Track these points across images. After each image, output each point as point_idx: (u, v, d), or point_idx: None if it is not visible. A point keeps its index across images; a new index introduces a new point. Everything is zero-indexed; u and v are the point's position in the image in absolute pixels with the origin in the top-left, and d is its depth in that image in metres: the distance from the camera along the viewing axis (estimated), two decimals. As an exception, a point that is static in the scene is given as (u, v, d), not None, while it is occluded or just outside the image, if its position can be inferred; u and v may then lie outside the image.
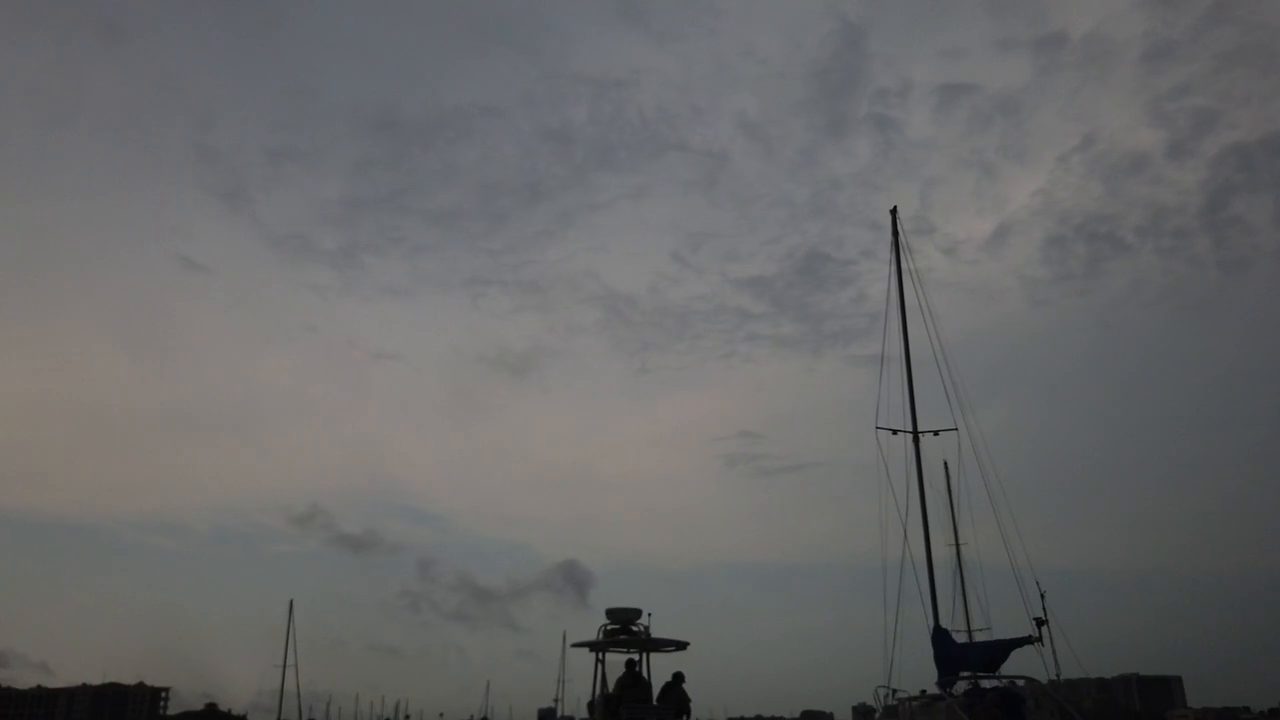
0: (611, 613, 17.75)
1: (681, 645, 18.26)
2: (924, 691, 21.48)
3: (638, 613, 17.81)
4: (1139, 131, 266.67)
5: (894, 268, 24.91)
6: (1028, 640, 19.73)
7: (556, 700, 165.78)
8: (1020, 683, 20.00)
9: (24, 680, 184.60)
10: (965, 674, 21.01)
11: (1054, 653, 18.74)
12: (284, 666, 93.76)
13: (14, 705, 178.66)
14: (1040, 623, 19.37)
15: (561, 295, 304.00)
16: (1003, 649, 20.50)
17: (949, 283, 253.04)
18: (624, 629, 17.60)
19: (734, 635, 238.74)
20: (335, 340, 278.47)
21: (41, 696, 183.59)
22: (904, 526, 22.13)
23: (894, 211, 25.65)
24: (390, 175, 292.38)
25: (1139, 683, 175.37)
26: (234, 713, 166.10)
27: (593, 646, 17.95)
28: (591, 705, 18.89)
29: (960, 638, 29.84)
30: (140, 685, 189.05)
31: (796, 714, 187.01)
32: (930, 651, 22.04)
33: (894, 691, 22.20)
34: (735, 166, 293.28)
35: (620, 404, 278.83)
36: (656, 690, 18.30)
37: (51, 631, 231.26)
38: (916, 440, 23.29)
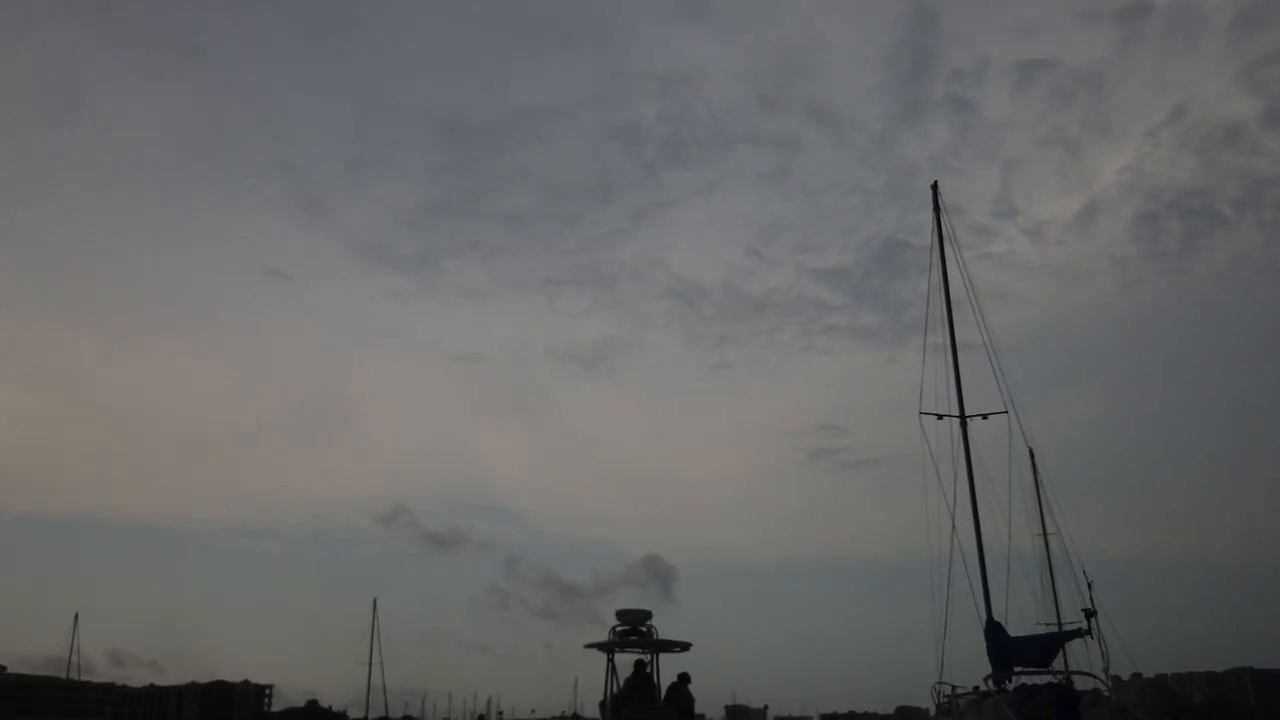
0: (621, 614, 17.94)
1: (685, 646, 18.31)
2: (977, 688, 20.40)
3: (647, 614, 18.00)
4: (1232, 100, 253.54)
5: (936, 244, 23.71)
6: (1076, 633, 18.57)
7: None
8: (1076, 679, 18.81)
9: (137, 679, 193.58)
10: (1020, 669, 19.86)
11: (1102, 645, 17.51)
12: (369, 664, 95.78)
13: (129, 703, 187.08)
14: (1089, 614, 18.16)
15: (636, 293, 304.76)
16: (1054, 642, 19.32)
17: (1035, 266, 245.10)
18: (633, 630, 17.80)
19: (822, 630, 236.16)
20: (417, 344, 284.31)
21: (154, 694, 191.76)
22: (952, 515, 21.07)
23: (934, 186, 24.53)
24: (463, 180, 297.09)
25: (1252, 677, 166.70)
26: (334, 709, 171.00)
27: (603, 647, 18.19)
28: (603, 705, 19.02)
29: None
30: (245, 683, 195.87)
31: (891, 710, 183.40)
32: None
33: (954, 689, 21.18)
34: (807, 156, 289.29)
35: (698, 399, 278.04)
36: (664, 689, 18.41)
37: (160, 632, 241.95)
38: (964, 424, 22.16)
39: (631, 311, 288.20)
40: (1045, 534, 42.91)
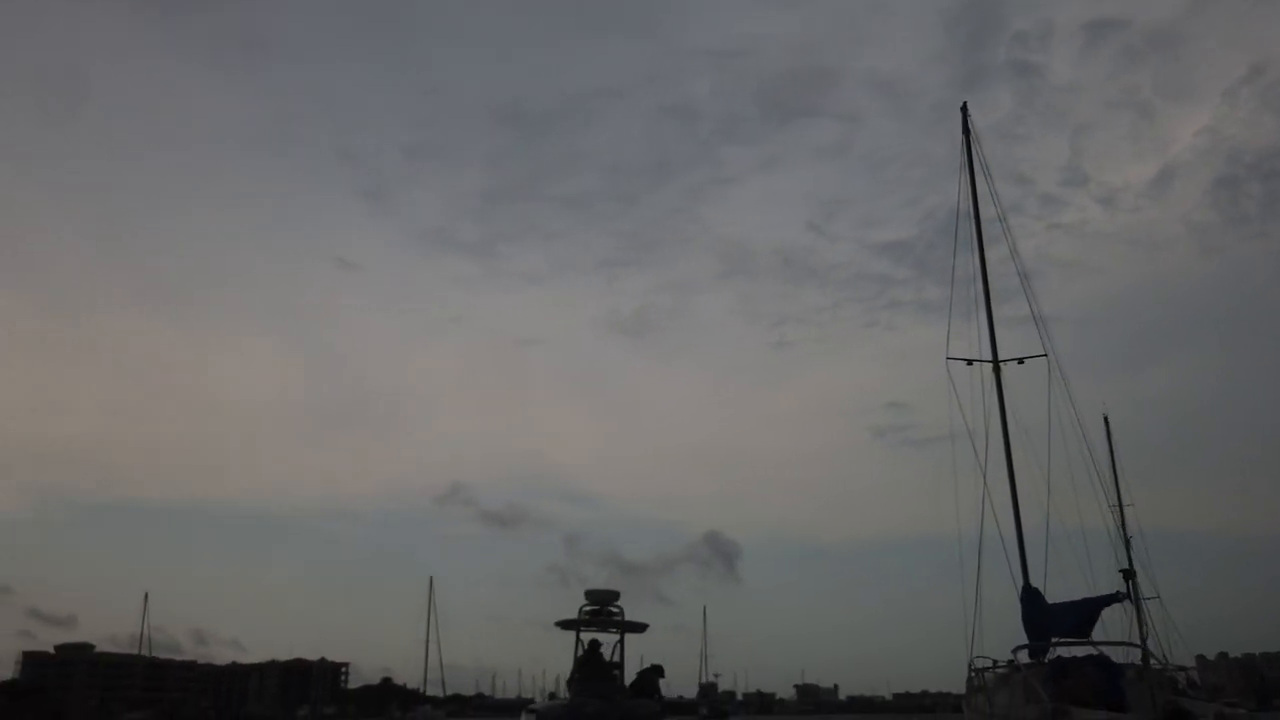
0: (590, 594, 18.05)
1: (644, 627, 18.45)
2: (1010, 662, 18.19)
3: (615, 594, 18.08)
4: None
5: (965, 170, 21.28)
6: (1114, 597, 16.30)
7: (717, 675, 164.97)
8: (1116, 651, 16.49)
9: (221, 656, 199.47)
10: (1057, 640, 17.60)
11: (1143, 610, 15.23)
12: (426, 641, 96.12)
13: (213, 680, 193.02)
14: (1127, 575, 15.88)
15: (695, 272, 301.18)
16: (1090, 609, 17.00)
17: (1108, 234, 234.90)
18: (602, 610, 17.95)
19: (893, 609, 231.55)
20: (481, 329, 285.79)
21: (236, 672, 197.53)
22: (983, 472, 18.82)
23: (964, 108, 22.07)
24: (521, 165, 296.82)
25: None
26: (407, 686, 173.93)
27: (570, 625, 18.33)
28: (570, 681, 19.02)
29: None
30: (322, 660, 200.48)
31: (964, 690, 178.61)
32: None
33: (994, 663, 19.04)
34: (868, 128, 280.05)
35: (760, 378, 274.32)
36: (630, 670, 18.63)
37: (241, 611, 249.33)
38: (997, 370, 19.83)
39: (691, 291, 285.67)
40: (1121, 505, 40.33)
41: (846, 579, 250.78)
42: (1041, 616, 18.20)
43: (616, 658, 18.39)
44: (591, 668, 17.94)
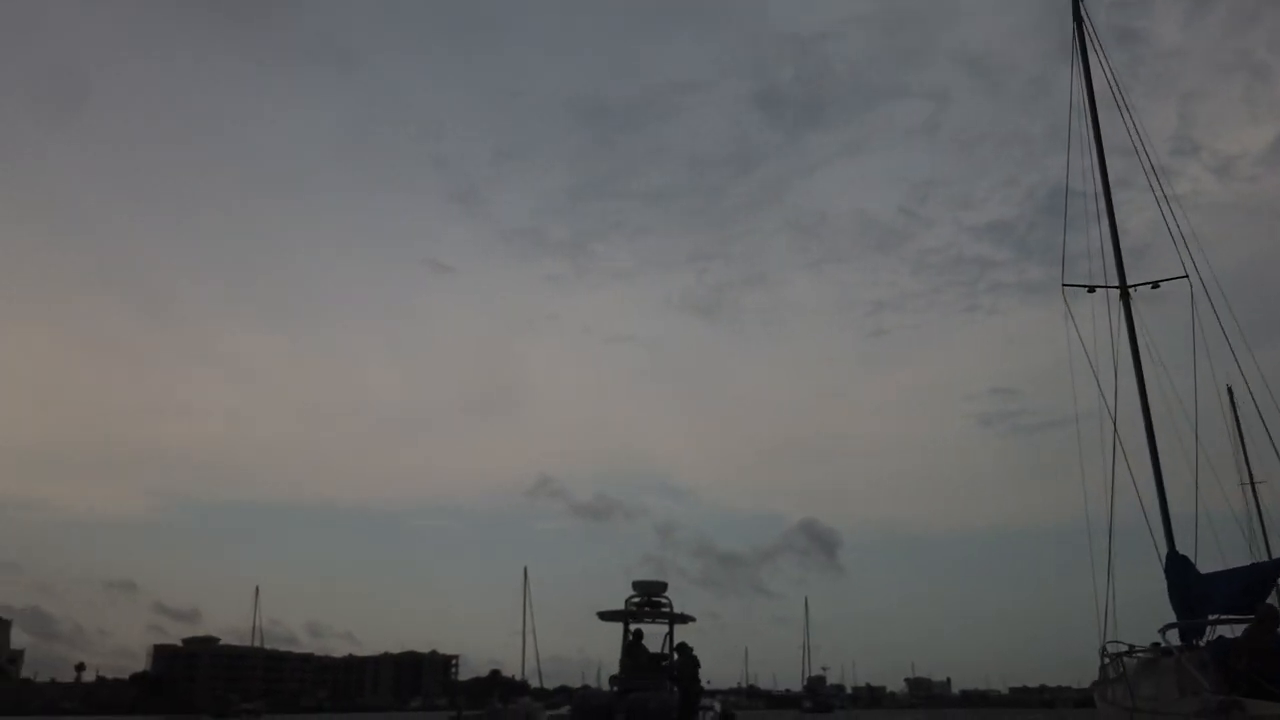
0: (638, 585, 17.66)
1: (689, 619, 18.21)
2: (1156, 645, 14.93)
3: (663, 586, 17.72)
4: None
5: (1076, 50, 17.86)
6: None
7: (825, 668, 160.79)
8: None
9: (335, 649, 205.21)
10: (1215, 617, 14.25)
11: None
12: (523, 632, 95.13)
13: (329, 672, 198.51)
14: None
15: (784, 262, 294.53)
16: (1258, 577, 13.56)
17: (1224, 205, 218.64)
18: (648, 601, 17.65)
19: (1006, 601, 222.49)
20: (573, 326, 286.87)
21: (352, 664, 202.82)
22: (1112, 416, 15.57)
23: (1075, -12, 18.54)
24: (605, 161, 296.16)
25: None
26: (516, 678, 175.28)
27: (618, 617, 18.05)
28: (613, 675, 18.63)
29: None
30: (433, 653, 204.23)
31: (1088, 685, 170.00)
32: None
33: (1131, 648, 15.83)
34: (959, 106, 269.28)
35: (857, 367, 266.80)
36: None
37: (352, 605, 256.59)
38: (1125, 297, 16.48)
39: (780, 281, 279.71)
40: (1253, 482, 35.89)
41: (957, 570, 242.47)
42: (1194, 589, 14.86)
43: (666, 649, 17.99)
44: (635, 659, 17.54)
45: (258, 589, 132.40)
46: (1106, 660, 16.05)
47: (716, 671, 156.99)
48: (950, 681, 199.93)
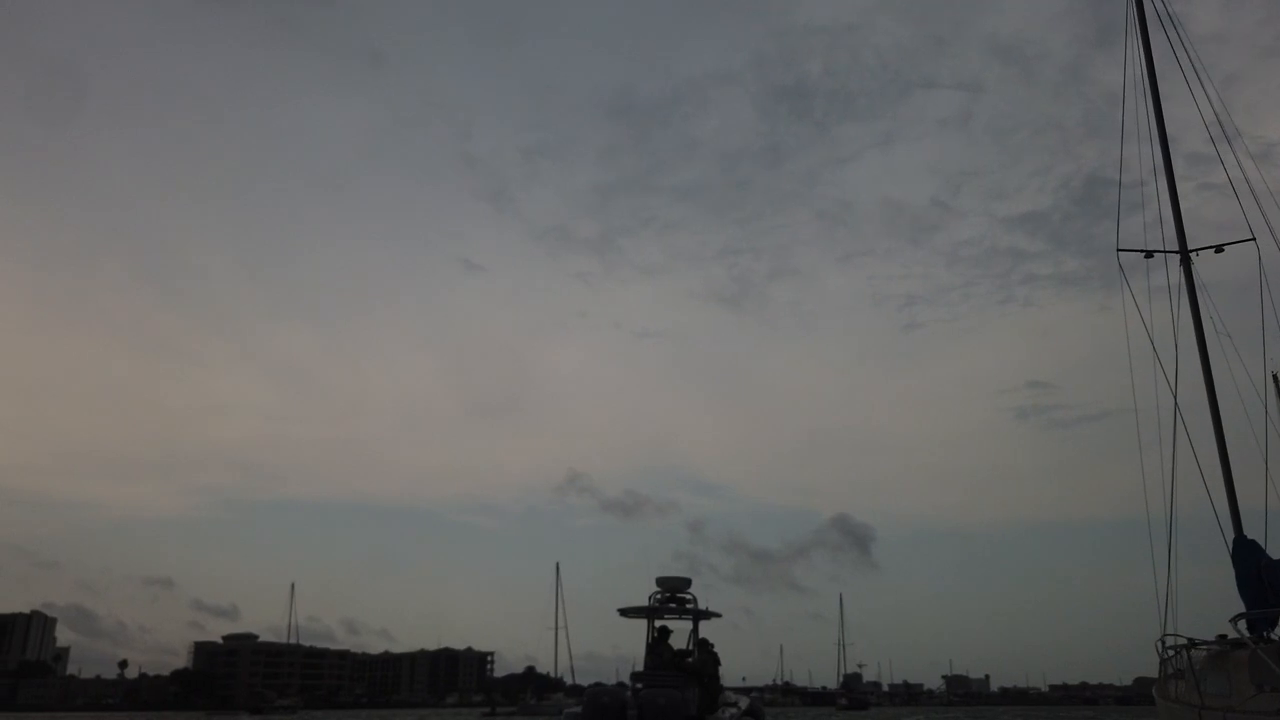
0: (661, 581, 17.29)
1: (714, 615, 17.79)
2: (1222, 637, 13.73)
3: (687, 581, 17.35)
4: None
5: (1134, 20, 16.69)
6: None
7: (861, 665, 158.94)
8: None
9: (371, 645, 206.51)
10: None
11: None
12: (556, 628, 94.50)
13: (366, 668, 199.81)
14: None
15: (815, 256, 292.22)
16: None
17: (1267, 194, 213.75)
18: (672, 597, 17.27)
19: (1046, 597, 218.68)
20: (603, 323, 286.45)
21: (389, 660, 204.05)
22: (1172, 388, 14.37)
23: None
24: (634, 157, 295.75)
25: None
26: (551, 675, 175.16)
27: (641, 613, 17.63)
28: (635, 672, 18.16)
29: None
30: (469, 650, 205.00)
31: (1129, 681, 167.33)
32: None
33: (1190, 642, 14.64)
34: (991, 96, 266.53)
35: (891, 362, 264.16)
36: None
37: (388, 602, 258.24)
38: (1186, 261, 15.26)
39: (812, 275, 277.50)
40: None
41: (994, 566, 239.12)
42: (1265, 576, 13.65)
43: (690, 646, 17.44)
44: (656, 655, 16.86)
45: (293, 586, 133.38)
46: (1169, 654, 14.87)
47: (751, 668, 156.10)
48: (989, 678, 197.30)
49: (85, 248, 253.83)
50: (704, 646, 17.06)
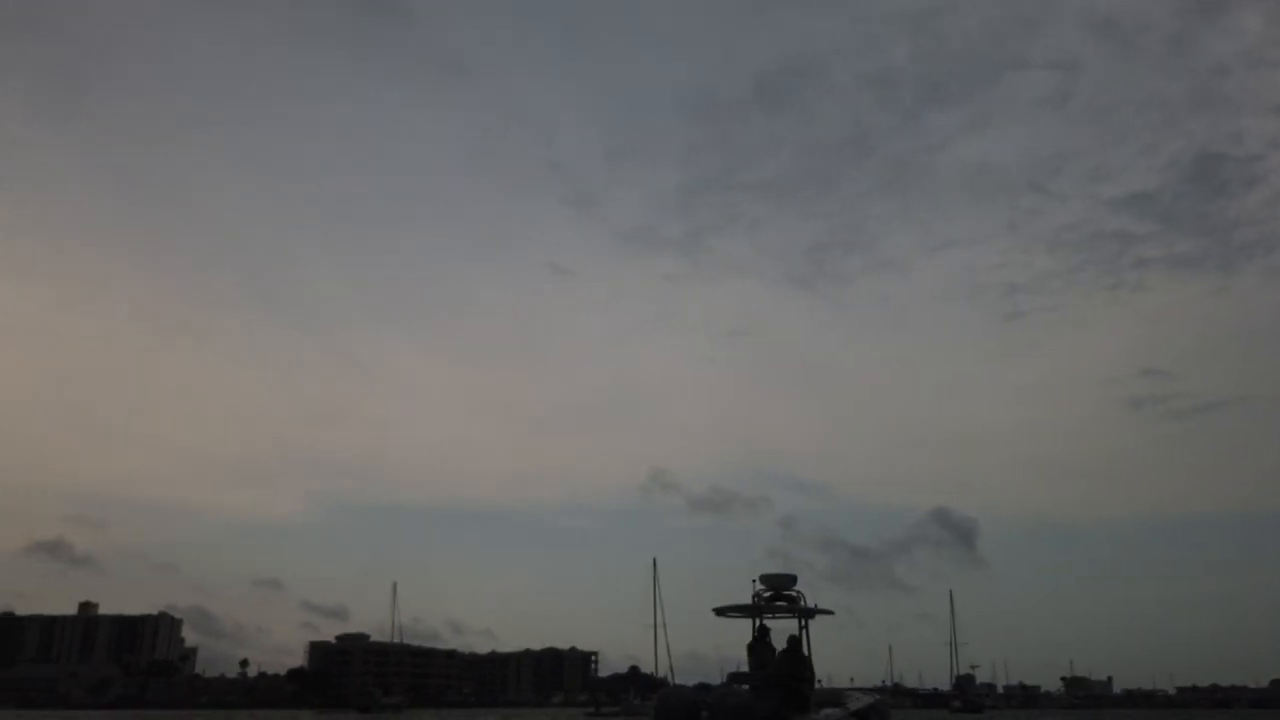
0: (765, 578, 16.75)
1: (822, 613, 17.01)
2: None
3: (792, 579, 16.76)
4: None
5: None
6: None
7: (974, 666, 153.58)
8: None
9: (477, 645, 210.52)
10: None
11: None
12: (654, 626, 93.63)
13: (473, 668, 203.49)
14: None
15: (907, 247, 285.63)
16: None
17: None
18: (778, 595, 16.67)
19: (1173, 596, 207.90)
20: (692, 322, 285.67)
21: (495, 660, 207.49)
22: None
23: None
24: (718, 155, 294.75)
25: None
26: (654, 675, 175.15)
27: (744, 611, 17.05)
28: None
29: None
30: (573, 650, 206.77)
31: (1265, 684, 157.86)
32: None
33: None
34: (1090, 73, 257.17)
35: (990, 352, 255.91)
36: (817, 660, 16.53)
37: (492, 603, 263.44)
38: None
39: (905, 267, 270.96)
40: None
41: (1114, 562, 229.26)
42: None
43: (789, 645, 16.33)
44: (759, 656, 16.16)
45: (394, 586, 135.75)
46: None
47: (857, 669, 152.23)
48: (1111, 680, 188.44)
49: (198, 265, 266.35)
50: (789, 646, 16.10)
